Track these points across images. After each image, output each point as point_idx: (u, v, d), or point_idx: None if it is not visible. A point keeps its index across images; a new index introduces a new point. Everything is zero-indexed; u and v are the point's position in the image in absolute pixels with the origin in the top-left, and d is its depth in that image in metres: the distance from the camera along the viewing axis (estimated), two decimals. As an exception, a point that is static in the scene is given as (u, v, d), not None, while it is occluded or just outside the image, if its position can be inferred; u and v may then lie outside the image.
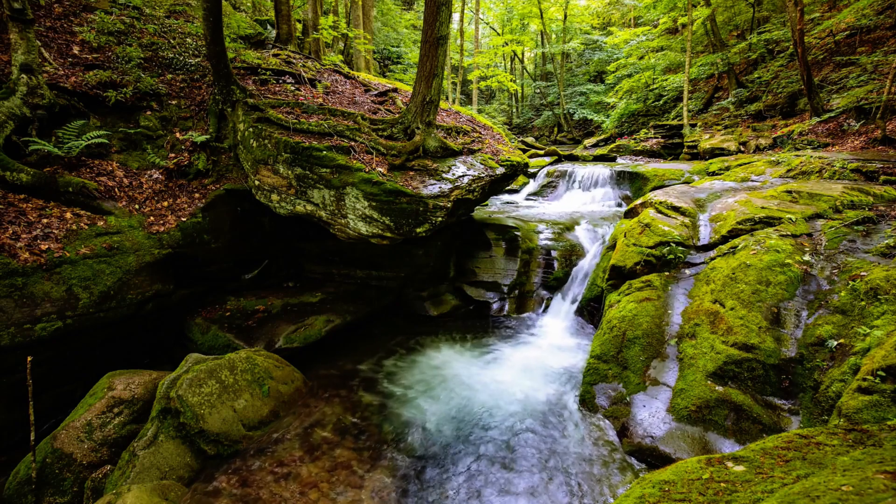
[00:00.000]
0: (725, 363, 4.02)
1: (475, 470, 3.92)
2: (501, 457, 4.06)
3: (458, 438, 4.31)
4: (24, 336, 4.17)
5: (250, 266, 6.95)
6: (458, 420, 4.59)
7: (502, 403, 4.84)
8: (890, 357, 3.11)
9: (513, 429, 4.42)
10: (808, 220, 5.31)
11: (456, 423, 4.55)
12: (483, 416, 4.63)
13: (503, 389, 5.10)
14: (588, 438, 4.24)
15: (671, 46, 19.02)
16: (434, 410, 4.77)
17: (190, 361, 4.45)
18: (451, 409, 4.77)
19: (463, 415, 4.67)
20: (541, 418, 4.58)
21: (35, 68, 5.35)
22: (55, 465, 3.74)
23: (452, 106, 10.54)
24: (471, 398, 4.95)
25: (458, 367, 5.67)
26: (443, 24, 6.16)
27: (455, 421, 4.58)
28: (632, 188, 11.08)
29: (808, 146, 10.41)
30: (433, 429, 4.47)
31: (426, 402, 4.92)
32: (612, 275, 5.81)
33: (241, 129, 6.22)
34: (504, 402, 4.87)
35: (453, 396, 5.00)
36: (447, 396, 5.01)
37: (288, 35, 9.36)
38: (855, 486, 1.72)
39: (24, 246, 4.44)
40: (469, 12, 25.66)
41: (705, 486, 2.13)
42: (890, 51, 11.25)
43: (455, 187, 6.15)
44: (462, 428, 4.46)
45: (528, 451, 4.12)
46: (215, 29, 5.92)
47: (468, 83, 27.76)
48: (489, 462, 4.00)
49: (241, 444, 4.15)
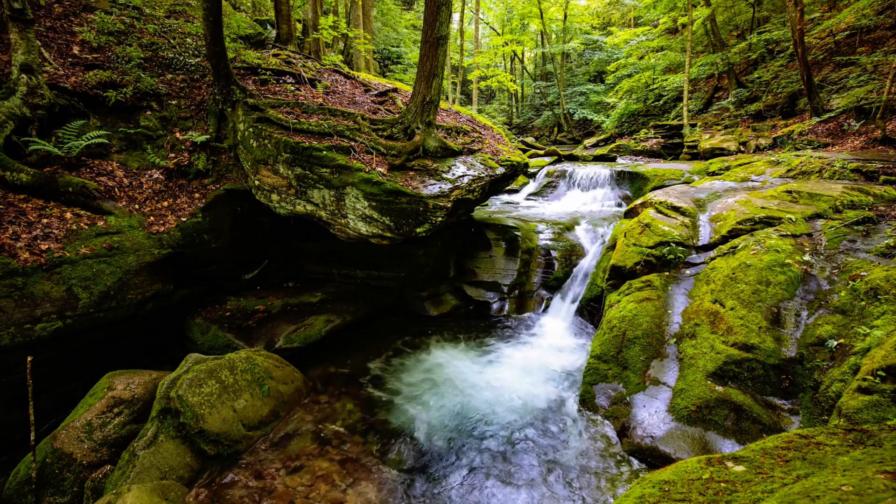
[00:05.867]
0: (725, 363, 4.02)
1: (477, 465, 3.94)
2: (503, 454, 4.07)
3: (460, 436, 4.32)
4: (24, 336, 4.17)
5: (250, 266, 6.94)
6: (459, 419, 4.59)
7: (503, 403, 4.84)
8: (890, 357, 3.11)
9: (513, 427, 4.42)
10: (808, 220, 5.31)
11: (457, 421, 4.55)
12: (484, 416, 4.63)
13: (503, 389, 5.10)
14: (588, 438, 4.24)
15: (671, 46, 19.01)
16: (435, 409, 4.77)
17: (190, 361, 4.45)
18: (452, 409, 4.77)
19: (464, 414, 4.67)
20: (541, 417, 4.58)
21: (35, 68, 5.35)
22: (55, 465, 3.74)
23: (452, 106, 10.54)
24: (471, 398, 4.95)
25: (459, 366, 5.67)
26: (443, 24, 6.16)
27: (456, 420, 4.58)
28: (632, 188, 11.08)
29: (808, 146, 10.41)
30: (435, 428, 4.47)
31: (427, 401, 4.92)
32: (612, 275, 5.81)
33: (241, 129, 6.22)
34: (504, 401, 4.87)
35: (454, 396, 5.00)
36: (448, 396, 5.01)
37: (288, 35, 9.36)
38: (855, 486, 1.72)
39: (24, 246, 4.44)
40: (469, 12, 25.66)
41: (705, 486, 2.13)
42: (890, 51, 11.25)
43: (455, 187, 6.15)
44: (463, 427, 4.47)
45: (529, 449, 4.13)
46: (215, 29, 5.92)
47: (468, 83, 27.77)
48: (490, 459, 4.02)
49: (241, 443, 4.15)
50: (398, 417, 4.66)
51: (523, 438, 4.28)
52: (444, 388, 5.18)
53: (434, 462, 4.03)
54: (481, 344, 6.32)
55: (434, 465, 4.00)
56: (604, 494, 3.61)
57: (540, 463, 3.96)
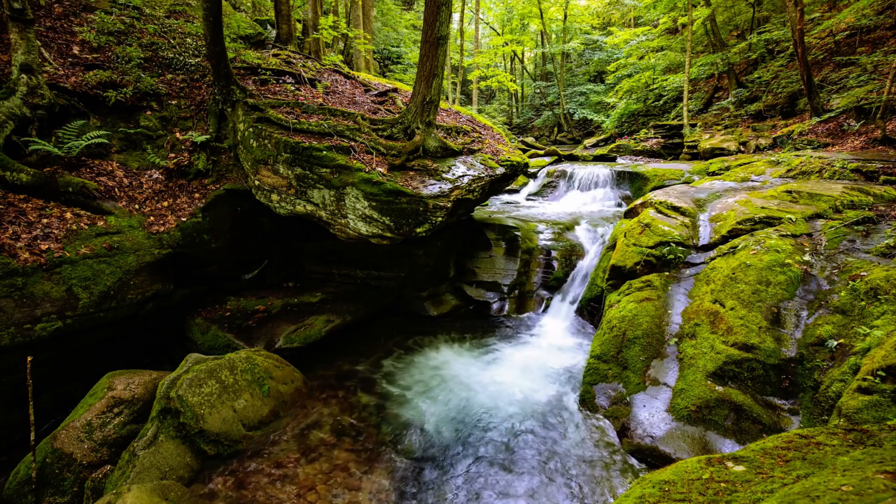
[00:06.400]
0: (725, 363, 4.02)
1: (474, 471, 3.91)
2: (501, 458, 4.05)
3: (458, 439, 4.31)
4: (24, 336, 4.17)
5: (250, 266, 6.94)
6: (457, 420, 4.59)
7: (502, 404, 4.83)
8: (890, 357, 3.11)
9: (512, 429, 4.42)
10: (808, 220, 5.31)
11: (455, 423, 4.55)
12: (483, 417, 4.62)
13: (503, 389, 5.09)
14: (588, 438, 4.24)
15: (671, 46, 19.01)
16: (433, 411, 4.77)
17: (190, 361, 4.45)
18: (451, 410, 4.76)
19: (462, 415, 4.67)
20: (541, 419, 4.58)
21: (35, 68, 5.35)
22: (55, 465, 3.74)
23: (452, 106, 10.54)
24: (470, 398, 4.95)
25: (458, 367, 5.67)
26: (443, 24, 6.16)
27: (454, 421, 4.57)
28: (632, 188, 11.08)
29: (808, 146, 10.41)
30: (432, 429, 4.46)
31: (425, 403, 4.92)
32: (612, 275, 5.81)
33: (241, 129, 6.22)
34: (504, 402, 4.86)
35: (453, 397, 5.00)
36: (447, 397, 5.01)
37: (288, 35, 9.36)
38: (855, 486, 1.72)
39: (24, 246, 4.44)
40: (469, 12, 25.65)
41: (705, 486, 2.13)
42: (890, 51, 11.25)
43: (455, 187, 6.15)
44: (461, 429, 4.46)
45: (528, 451, 4.12)
46: (215, 29, 5.92)
47: (468, 83, 27.76)
48: (489, 463, 4.00)
49: (241, 444, 4.15)
50: (397, 419, 4.65)
51: (523, 440, 4.27)
52: (443, 388, 5.18)
53: (431, 465, 4.02)
54: (481, 344, 6.32)
55: (431, 467, 3.99)
56: (604, 494, 3.61)
57: (540, 464, 3.96)
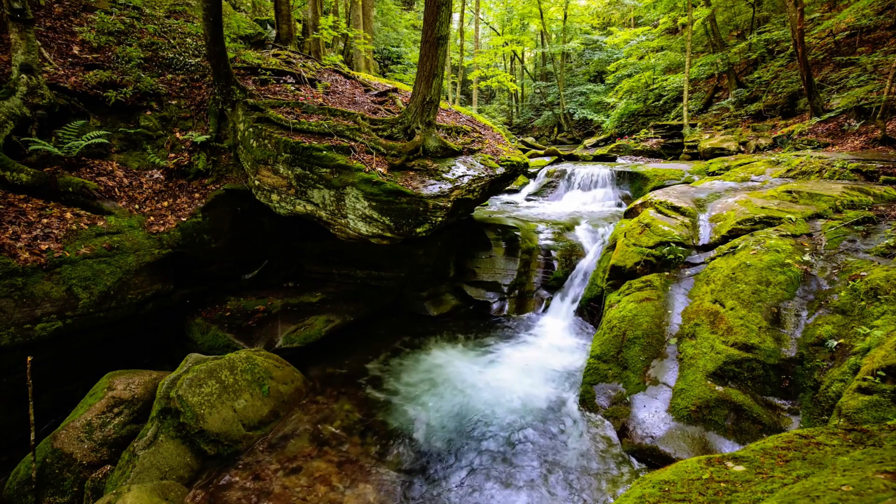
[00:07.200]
0: (725, 363, 4.02)
1: (477, 464, 3.95)
2: (502, 454, 4.07)
3: (461, 436, 4.32)
4: (24, 336, 4.17)
5: (250, 266, 6.94)
6: (458, 419, 4.59)
7: (503, 403, 4.84)
8: (890, 357, 3.11)
9: (513, 427, 4.42)
10: (808, 220, 5.31)
11: (457, 422, 4.55)
12: (484, 416, 4.63)
13: (503, 389, 5.09)
14: (588, 438, 4.24)
15: (671, 46, 19.01)
16: (435, 409, 4.77)
17: (190, 361, 4.45)
18: (452, 409, 4.77)
19: (464, 414, 4.67)
20: (541, 417, 4.58)
21: (35, 68, 5.35)
22: (55, 465, 3.74)
23: (452, 106, 10.54)
24: (471, 398, 4.95)
25: (459, 366, 5.67)
26: (443, 24, 6.16)
27: (456, 420, 4.58)
28: (632, 188, 11.08)
29: (808, 146, 10.41)
30: (434, 428, 4.47)
31: (427, 402, 4.92)
32: (612, 275, 5.81)
33: (241, 129, 6.22)
34: (504, 401, 4.87)
35: (454, 396, 5.00)
36: (448, 396, 5.01)
37: (288, 35, 9.36)
38: (855, 486, 1.72)
39: (24, 246, 4.44)
40: (469, 12, 25.65)
41: (705, 486, 2.13)
42: (890, 51, 11.25)
43: (455, 187, 6.15)
44: (463, 427, 4.47)
45: (529, 449, 4.13)
46: (215, 29, 5.92)
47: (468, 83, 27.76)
48: (491, 458, 4.02)
49: (241, 444, 4.15)
50: (397, 418, 4.65)
51: (523, 439, 4.28)
52: (443, 388, 5.18)
53: (433, 463, 4.03)
54: (481, 344, 6.32)
55: (433, 465, 3.99)
56: (604, 494, 3.61)
57: (540, 464, 3.96)
